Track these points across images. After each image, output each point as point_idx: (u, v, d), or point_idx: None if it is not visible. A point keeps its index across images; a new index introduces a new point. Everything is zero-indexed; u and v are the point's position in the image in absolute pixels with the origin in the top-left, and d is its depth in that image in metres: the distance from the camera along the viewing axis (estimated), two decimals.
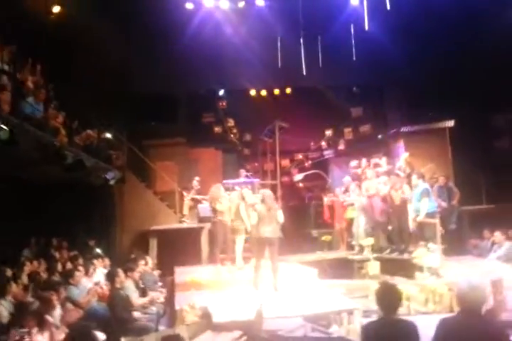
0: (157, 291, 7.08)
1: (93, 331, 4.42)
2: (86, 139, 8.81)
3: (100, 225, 10.04)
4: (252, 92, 13.15)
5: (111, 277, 6.00)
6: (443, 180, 9.43)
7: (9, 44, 7.32)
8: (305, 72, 10.77)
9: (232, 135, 13.21)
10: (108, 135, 10.30)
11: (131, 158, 10.94)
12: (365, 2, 10.02)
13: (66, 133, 7.63)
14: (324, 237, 10.65)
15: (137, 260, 7.36)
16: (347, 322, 5.48)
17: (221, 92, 13.45)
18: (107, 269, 7.21)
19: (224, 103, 13.39)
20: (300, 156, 13.56)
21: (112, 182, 9.29)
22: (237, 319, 5.18)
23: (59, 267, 7.16)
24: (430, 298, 6.18)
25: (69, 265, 7.31)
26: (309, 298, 6.09)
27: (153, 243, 9.57)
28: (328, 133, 13.07)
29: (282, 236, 6.94)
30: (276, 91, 13.15)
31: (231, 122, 13.25)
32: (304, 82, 11.98)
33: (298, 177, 12.84)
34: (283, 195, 10.85)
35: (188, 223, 10.27)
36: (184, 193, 10.59)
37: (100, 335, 4.88)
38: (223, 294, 6.51)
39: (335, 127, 13.07)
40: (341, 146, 12.78)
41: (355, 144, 12.56)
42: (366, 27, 10.11)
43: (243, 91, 12.99)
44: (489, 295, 4.80)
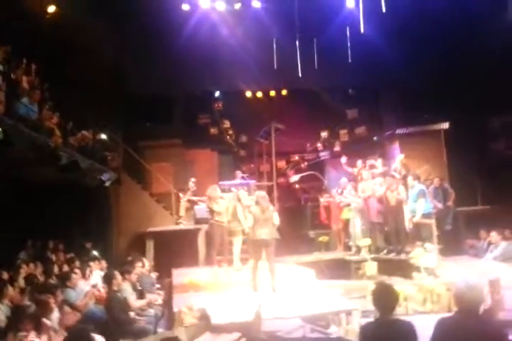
0: (155, 293, 7.04)
1: (91, 334, 4.39)
2: (81, 140, 8.75)
3: (96, 227, 9.98)
4: (248, 94, 13.13)
5: (108, 279, 5.97)
6: (438, 182, 9.53)
7: (4, 44, 7.26)
8: (301, 74, 10.77)
9: (228, 136, 13.17)
10: (103, 136, 10.24)
11: (126, 160, 10.90)
12: (360, 4, 10.04)
13: (61, 134, 7.57)
14: (321, 238, 10.66)
15: (134, 262, 7.31)
16: (345, 322, 5.48)
17: (217, 94, 13.42)
18: (104, 271, 7.16)
19: (220, 104, 13.35)
20: (296, 158, 13.55)
21: (108, 183, 9.25)
22: (235, 320, 5.17)
23: (55, 270, 7.10)
24: (428, 298, 6.21)
25: (65, 267, 7.27)
26: (307, 299, 6.08)
27: (149, 245, 9.52)
28: (323, 134, 13.07)
29: (279, 237, 6.93)
30: (272, 92, 13.13)
31: (227, 123, 13.22)
32: (300, 84, 11.97)
33: (294, 178, 12.85)
34: (279, 197, 10.85)
35: (185, 224, 10.24)
36: (180, 195, 10.55)
37: (98, 338, 4.84)
38: (221, 296, 6.49)
39: (330, 129, 13.07)
40: (337, 148, 12.79)
41: (350, 146, 12.57)
42: (362, 29, 10.12)
43: (239, 92, 12.97)
44: (487, 294, 4.83)
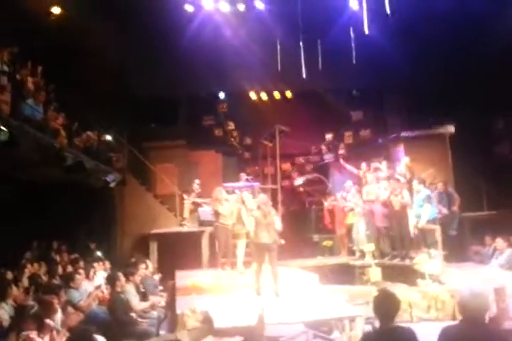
0: (158, 295, 7.03)
1: (94, 335, 4.39)
2: (86, 141, 8.78)
3: (101, 228, 9.99)
4: (253, 95, 13.11)
5: (111, 280, 5.97)
6: (442, 186, 9.36)
7: (10, 45, 7.28)
8: (305, 76, 10.71)
9: (232, 138, 13.15)
10: (108, 137, 10.27)
11: (131, 161, 10.92)
12: (364, 6, 9.99)
13: (66, 134, 7.61)
14: (325, 242, 10.61)
15: (138, 264, 7.30)
16: (349, 328, 5.44)
17: (221, 95, 13.40)
18: (108, 272, 7.16)
19: (224, 106, 13.34)
20: (301, 160, 13.49)
21: (113, 184, 9.26)
22: (238, 324, 5.14)
23: (59, 270, 7.11)
24: (433, 305, 6.14)
25: (69, 268, 7.27)
26: (311, 304, 6.03)
27: (153, 246, 9.50)
28: (328, 137, 13.00)
29: (280, 242, 6.88)
30: (276, 94, 13.10)
31: (231, 125, 13.20)
32: (304, 86, 11.94)
33: (298, 181, 12.78)
34: (283, 200, 10.80)
35: (189, 226, 10.20)
36: (184, 196, 10.53)
37: (100, 339, 4.83)
38: (224, 299, 6.47)
39: (335, 131, 13.01)
40: (341, 150, 12.70)
41: (355, 148, 12.48)
42: (366, 31, 10.07)
43: (243, 94, 12.95)
44: (492, 303, 4.77)
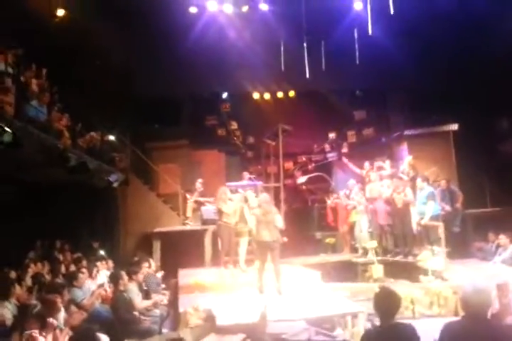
0: (160, 294, 7.06)
1: (97, 333, 4.43)
2: (89, 142, 8.83)
3: (104, 227, 10.05)
4: (256, 95, 13.13)
5: (114, 279, 6.00)
6: (445, 184, 9.39)
7: (14, 47, 7.35)
8: (308, 76, 10.73)
9: (235, 138, 13.18)
10: (111, 137, 10.32)
11: (134, 161, 10.97)
12: (368, 6, 10.00)
13: (70, 135, 7.66)
14: (328, 240, 10.64)
15: (141, 262, 7.33)
16: (351, 325, 5.45)
17: (224, 95, 13.43)
18: (111, 271, 7.20)
19: (227, 106, 13.37)
20: (303, 159, 13.52)
21: (116, 184, 9.31)
22: (240, 322, 5.16)
23: (62, 269, 7.16)
24: (435, 301, 6.14)
25: (72, 267, 7.32)
26: (313, 301, 6.05)
27: (156, 245, 9.55)
28: (331, 136, 13.03)
29: (282, 240, 6.88)
30: (279, 94, 13.11)
31: (234, 125, 13.23)
32: (307, 86, 11.94)
33: (301, 179, 12.82)
34: (286, 198, 10.81)
35: (192, 225, 10.26)
36: (187, 195, 10.58)
37: (103, 338, 4.87)
38: (227, 297, 6.49)
39: (338, 130, 13.02)
40: (345, 149, 12.74)
41: (358, 147, 12.52)
42: (370, 31, 10.08)
43: (246, 94, 12.97)
44: (495, 299, 4.76)
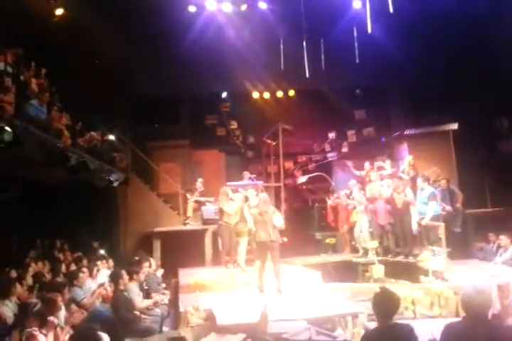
0: (161, 293, 7.05)
1: (98, 332, 4.41)
2: (90, 141, 8.82)
3: (104, 227, 10.05)
4: (255, 95, 13.10)
5: (115, 279, 5.99)
6: (445, 184, 9.37)
7: (14, 47, 7.34)
8: (308, 75, 10.71)
9: (235, 137, 13.16)
10: (112, 137, 10.29)
11: (134, 160, 10.97)
12: (367, 5, 9.98)
13: (70, 135, 7.65)
14: (328, 240, 10.63)
15: (141, 262, 7.33)
16: (352, 325, 5.45)
17: (224, 95, 13.42)
18: (111, 271, 7.19)
19: (227, 105, 13.33)
20: (303, 158, 13.50)
21: (116, 184, 9.31)
22: (241, 321, 5.16)
23: (63, 268, 7.16)
24: (436, 302, 6.12)
25: (73, 266, 7.32)
26: (313, 301, 6.04)
27: (156, 245, 9.55)
28: (331, 135, 13.00)
29: (281, 240, 6.86)
30: (279, 93, 13.09)
31: (234, 124, 13.20)
32: (307, 85, 11.91)
33: (301, 179, 12.80)
34: (287, 197, 10.82)
35: (192, 225, 10.25)
36: (188, 195, 10.58)
37: (104, 337, 4.86)
38: (227, 296, 6.49)
39: (338, 130, 13.00)
40: (345, 149, 12.72)
41: (358, 147, 12.48)
42: (369, 30, 10.07)
43: (246, 93, 12.93)
44: (496, 299, 4.75)
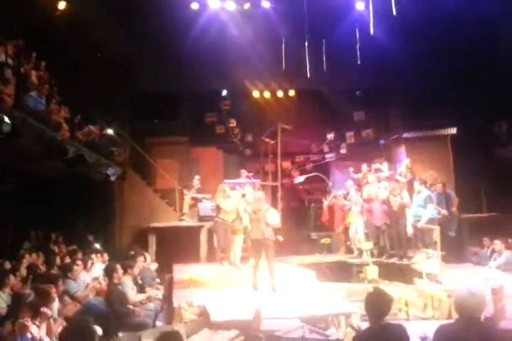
0: (155, 287, 7.05)
1: (91, 325, 4.40)
2: (88, 134, 8.80)
3: (100, 221, 10.02)
4: (255, 94, 13.11)
5: (109, 272, 5.99)
6: (441, 187, 9.40)
7: (15, 38, 7.31)
8: (309, 75, 10.73)
9: (233, 135, 13.15)
10: (110, 131, 10.28)
11: (132, 155, 10.94)
12: (370, 6, 10.00)
13: (68, 127, 7.63)
14: (324, 240, 10.65)
15: (136, 256, 7.32)
16: (345, 325, 5.46)
17: (224, 93, 13.41)
18: (106, 264, 7.19)
19: (227, 103, 13.32)
20: (301, 158, 13.51)
21: (113, 178, 9.29)
22: (235, 318, 5.17)
23: (57, 261, 7.15)
24: (429, 304, 6.14)
25: (68, 259, 7.31)
26: (307, 300, 6.06)
27: (152, 240, 9.54)
28: (330, 136, 13.01)
29: (277, 238, 6.89)
30: (279, 93, 13.10)
31: (233, 122, 13.19)
32: (308, 85, 11.96)
33: (299, 179, 12.80)
34: (283, 197, 10.82)
35: (188, 221, 10.25)
36: (184, 191, 10.57)
37: (97, 330, 4.85)
38: (222, 293, 6.48)
39: (337, 130, 13.02)
40: (343, 150, 12.73)
41: (356, 148, 12.50)
42: (371, 31, 10.09)
43: (246, 92, 12.95)
44: (489, 302, 4.77)
